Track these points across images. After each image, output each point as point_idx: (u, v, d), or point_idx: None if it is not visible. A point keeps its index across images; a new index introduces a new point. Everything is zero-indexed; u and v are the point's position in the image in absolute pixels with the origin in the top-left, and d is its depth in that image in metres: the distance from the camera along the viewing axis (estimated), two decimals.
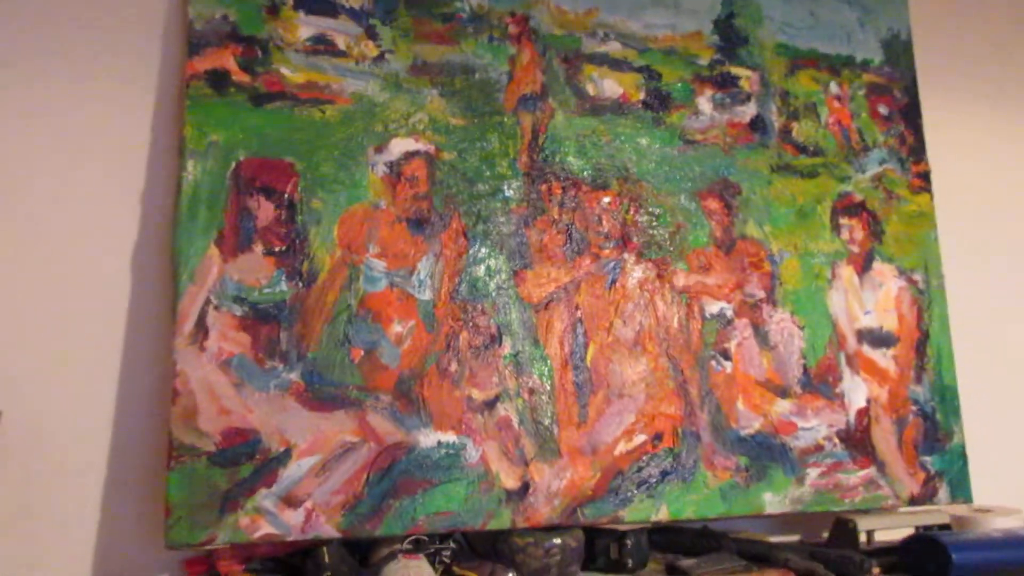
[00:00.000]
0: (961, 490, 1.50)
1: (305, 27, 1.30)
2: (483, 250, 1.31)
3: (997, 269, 1.75)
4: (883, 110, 1.66)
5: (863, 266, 1.55)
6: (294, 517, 1.13)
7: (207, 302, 1.16)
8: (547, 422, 1.28)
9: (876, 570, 1.25)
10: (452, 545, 1.22)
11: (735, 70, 1.56)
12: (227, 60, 1.24)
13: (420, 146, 1.32)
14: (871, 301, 1.54)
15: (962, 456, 1.52)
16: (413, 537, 1.18)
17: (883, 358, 1.52)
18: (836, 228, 1.55)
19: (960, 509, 1.50)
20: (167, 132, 1.26)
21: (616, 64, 1.48)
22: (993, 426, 1.64)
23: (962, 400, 1.55)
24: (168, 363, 1.14)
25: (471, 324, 1.28)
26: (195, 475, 1.10)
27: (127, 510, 1.15)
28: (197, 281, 1.16)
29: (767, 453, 1.39)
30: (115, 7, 1.27)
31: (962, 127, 1.80)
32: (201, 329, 1.15)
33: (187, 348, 1.14)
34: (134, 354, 1.19)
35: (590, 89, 1.45)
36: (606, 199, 1.41)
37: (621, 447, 1.31)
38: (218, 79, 1.23)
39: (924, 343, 1.55)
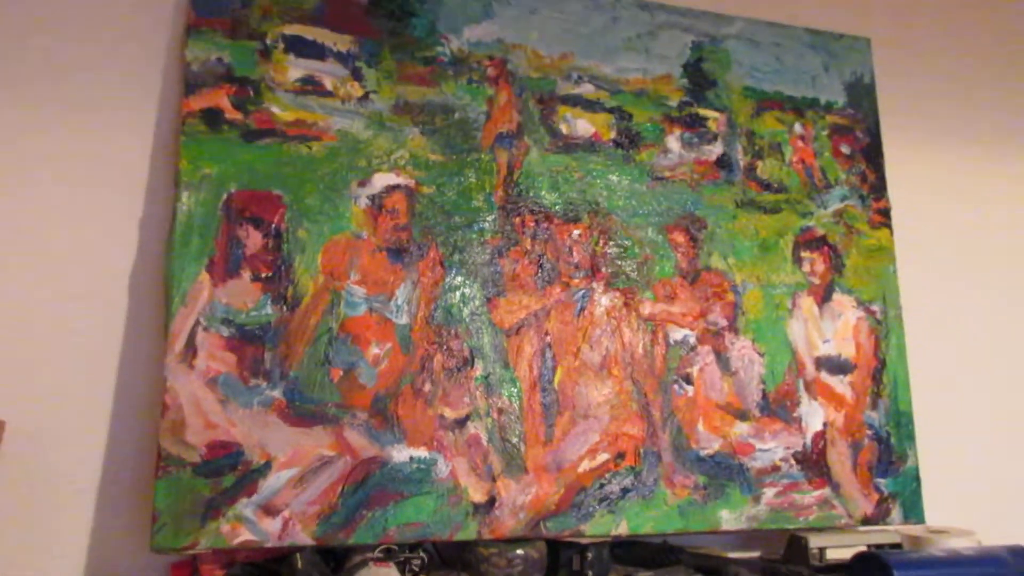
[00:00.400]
0: (914, 511, 1.57)
1: (295, 69, 1.40)
2: (458, 278, 1.40)
3: (954, 300, 1.83)
4: (845, 149, 1.75)
5: (823, 297, 1.64)
6: (272, 525, 1.21)
7: (197, 323, 1.25)
8: (515, 440, 1.36)
9: None
10: (422, 555, 1.29)
11: (703, 111, 1.66)
12: (221, 99, 1.34)
13: (401, 180, 1.41)
14: (830, 330, 1.62)
15: (915, 479, 1.59)
16: (384, 546, 1.26)
17: (840, 384, 1.60)
18: (797, 261, 1.64)
19: (916, 530, 1.56)
20: (164, 165, 1.35)
21: (589, 105, 1.58)
22: (948, 451, 1.71)
23: (918, 426, 1.63)
24: (159, 379, 1.23)
25: (445, 347, 1.36)
26: (181, 484, 1.18)
27: (118, 515, 1.23)
28: (188, 304, 1.25)
29: (725, 473, 1.47)
30: (119, 50, 1.38)
31: (922, 164, 1.89)
32: (191, 348, 1.24)
33: (177, 366, 1.22)
34: (128, 370, 1.28)
35: (564, 128, 1.55)
36: (577, 232, 1.50)
37: (585, 465, 1.39)
38: (212, 117, 1.33)
39: (881, 371, 1.63)
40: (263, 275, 1.30)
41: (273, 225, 1.32)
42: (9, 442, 1.18)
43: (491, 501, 1.32)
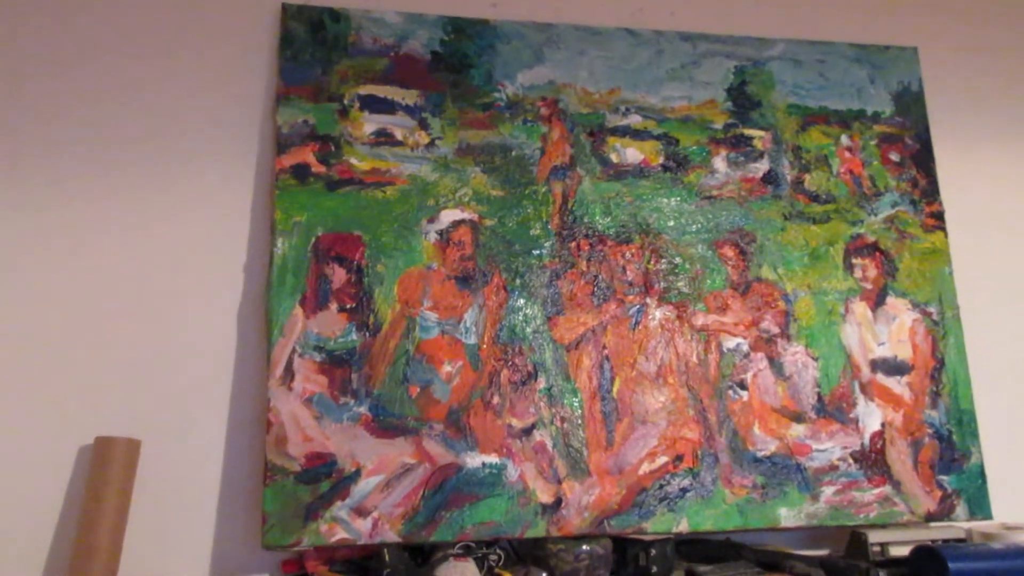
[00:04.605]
0: (980, 508, 1.59)
1: (369, 124, 1.58)
2: (520, 300, 1.54)
3: (1015, 297, 1.84)
4: (894, 157, 1.80)
5: (876, 301, 1.69)
6: (363, 525, 1.37)
7: (294, 351, 1.43)
8: (578, 446, 1.49)
9: None
10: (498, 551, 1.43)
11: (748, 131, 1.75)
12: (308, 156, 1.54)
13: (466, 215, 1.57)
14: (885, 333, 1.67)
15: (981, 475, 1.61)
16: (463, 543, 1.40)
17: (898, 385, 1.65)
18: (849, 267, 1.70)
19: (991, 526, 1.59)
20: (262, 216, 1.55)
21: (637, 134, 1.70)
22: (1018, 448, 1.72)
23: (983, 423, 1.65)
24: (264, 400, 1.41)
25: (510, 363, 1.51)
26: (285, 490, 1.36)
27: (234, 518, 1.41)
28: (286, 334, 1.44)
29: (782, 472, 1.54)
30: (221, 117, 1.58)
31: (976, 164, 1.90)
32: (289, 373, 1.42)
33: (278, 388, 1.41)
34: (238, 393, 1.47)
35: (614, 157, 1.67)
36: (629, 252, 1.62)
37: (645, 467, 1.50)
38: (301, 171, 1.53)
39: (939, 370, 1.67)
40: (348, 306, 1.48)
41: (355, 262, 1.50)
42: (144, 457, 1.40)
43: (558, 502, 1.45)
